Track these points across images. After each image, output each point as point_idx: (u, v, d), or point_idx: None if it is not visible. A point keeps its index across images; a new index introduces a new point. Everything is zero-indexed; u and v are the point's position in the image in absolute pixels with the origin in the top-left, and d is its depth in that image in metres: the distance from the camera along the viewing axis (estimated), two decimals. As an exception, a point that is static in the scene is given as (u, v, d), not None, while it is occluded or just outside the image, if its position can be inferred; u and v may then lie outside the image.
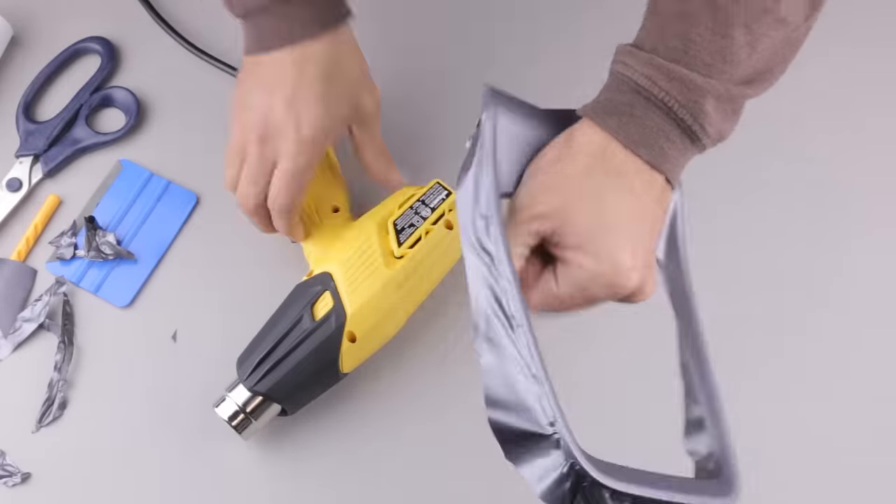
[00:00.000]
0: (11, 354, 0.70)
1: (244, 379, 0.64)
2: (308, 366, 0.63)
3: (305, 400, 0.66)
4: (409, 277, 0.65)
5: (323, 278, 0.65)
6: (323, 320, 0.64)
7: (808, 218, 0.75)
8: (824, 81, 0.79)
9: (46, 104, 0.77)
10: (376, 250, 0.65)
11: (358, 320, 0.64)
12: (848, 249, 0.75)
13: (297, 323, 0.64)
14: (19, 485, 0.66)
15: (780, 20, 0.49)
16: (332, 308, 0.64)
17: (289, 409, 0.66)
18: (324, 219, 0.69)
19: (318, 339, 0.63)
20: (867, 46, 0.81)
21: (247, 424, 0.64)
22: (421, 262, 0.65)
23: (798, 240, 0.75)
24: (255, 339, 0.65)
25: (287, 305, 0.66)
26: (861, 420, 0.70)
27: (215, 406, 0.64)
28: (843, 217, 0.76)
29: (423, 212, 0.67)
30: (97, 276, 0.72)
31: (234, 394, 0.64)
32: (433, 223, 0.66)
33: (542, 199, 0.51)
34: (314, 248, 0.68)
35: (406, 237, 0.66)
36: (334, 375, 0.65)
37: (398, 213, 0.67)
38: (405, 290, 0.65)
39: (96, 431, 0.68)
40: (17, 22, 0.79)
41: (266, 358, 0.64)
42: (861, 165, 0.77)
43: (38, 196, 0.75)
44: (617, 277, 0.50)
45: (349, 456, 0.68)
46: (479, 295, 0.47)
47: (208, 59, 0.77)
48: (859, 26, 0.81)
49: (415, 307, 0.67)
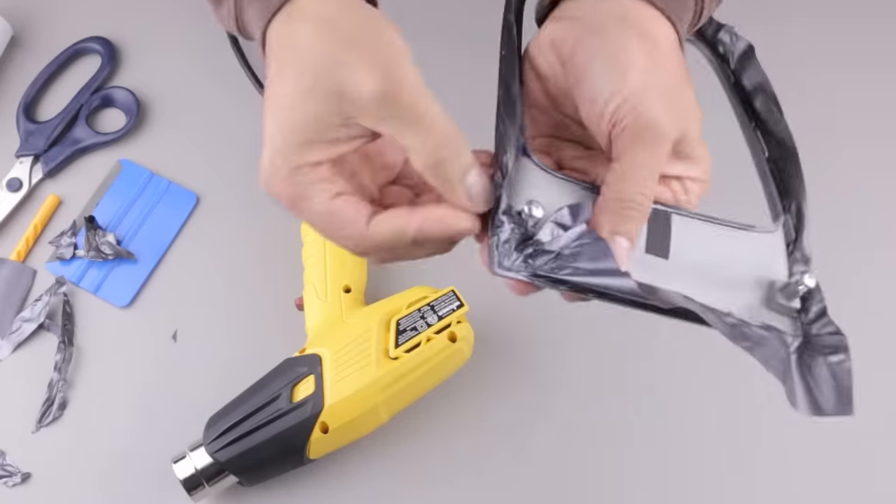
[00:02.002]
0: (11, 355, 0.70)
1: (208, 443, 0.63)
2: (274, 446, 0.62)
3: (265, 477, 0.65)
4: (398, 381, 0.63)
5: (312, 360, 0.64)
6: (299, 404, 0.62)
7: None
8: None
9: (46, 104, 0.77)
10: (372, 345, 0.63)
11: (334, 413, 0.62)
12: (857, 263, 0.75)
13: (274, 400, 0.62)
14: (19, 485, 0.66)
15: None
16: (312, 394, 0.62)
17: (246, 483, 0.65)
18: (332, 296, 0.67)
19: (289, 421, 0.62)
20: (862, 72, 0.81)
21: (200, 489, 0.63)
22: (414, 369, 0.63)
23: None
24: (231, 404, 0.64)
25: (270, 378, 0.64)
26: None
27: (174, 461, 0.63)
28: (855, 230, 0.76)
29: (429, 318, 0.65)
30: (97, 276, 0.72)
31: (195, 455, 0.63)
32: (436, 332, 0.64)
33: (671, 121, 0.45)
34: (315, 323, 0.67)
35: (405, 339, 0.64)
36: (299, 460, 0.63)
37: (405, 312, 0.65)
38: (391, 392, 0.63)
39: (96, 431, 0.68)
40: (17, 22, 0.79)
41: (234, 427, 0.62)
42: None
43: (38, 196, 0.75)
44: None
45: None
46: None
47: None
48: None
49: (399, 410, 0.65)
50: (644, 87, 0.44)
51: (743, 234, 0.48)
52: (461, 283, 0.67)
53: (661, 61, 0.46)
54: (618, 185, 0.45)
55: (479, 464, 0.68)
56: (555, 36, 0.47)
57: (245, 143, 0.77)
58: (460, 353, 0.65)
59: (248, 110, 0.77)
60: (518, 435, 0.69)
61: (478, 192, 0.44)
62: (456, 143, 0.44)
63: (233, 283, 0.72)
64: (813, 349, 0.44)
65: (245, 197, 0.75)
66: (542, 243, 0.44)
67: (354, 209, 0.44)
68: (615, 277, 0.43)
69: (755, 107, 0.51)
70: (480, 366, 0.69)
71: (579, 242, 0.44)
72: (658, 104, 0.44)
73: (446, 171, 0.44)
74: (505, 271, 0.44)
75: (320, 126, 0.43)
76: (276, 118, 0.43)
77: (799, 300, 0.46)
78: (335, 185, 0.44)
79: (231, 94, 0.78)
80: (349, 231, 0.44)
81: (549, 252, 0.44)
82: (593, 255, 0.43)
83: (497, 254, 0.44)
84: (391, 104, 0.42)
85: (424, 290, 0.67)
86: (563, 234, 0.44)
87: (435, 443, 0.68)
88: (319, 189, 0.43)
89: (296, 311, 0.69)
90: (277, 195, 0.44)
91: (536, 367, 0.70)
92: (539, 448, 0.69)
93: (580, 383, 0.70)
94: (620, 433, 0.69)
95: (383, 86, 0.42)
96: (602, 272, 0.43)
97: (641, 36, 0.46)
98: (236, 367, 0.68)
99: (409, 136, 0.43)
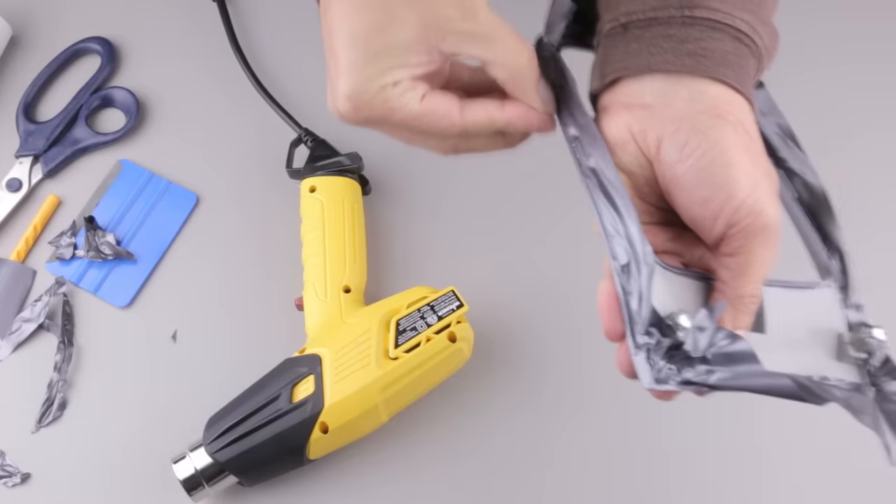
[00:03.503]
0: (11, 355, 0.70)
1: (207, 443, 0.63)
2: (273, 446, 0.62)
3: (264, 477, 0.65)
4: (398, 381, 0.63)
5: (312, 360, 0.64)
6: (299, 404, 0.62)
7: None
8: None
9: (46, 104, 0.77)
10: (372, 346, 0.63)
11: (334, 413, 0.62)
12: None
13: (274, 400, 0.62)
14: (19, 485, 0.66)
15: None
16: (312, 394, 0.62)
17: (246, 483, 0.65)
18: (332, 296, 0.67)
19: (289, 421, 0.62)
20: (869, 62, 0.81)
21: (199, 489, 0.63)
22: (413, 369, 0.63)
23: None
24: (231, 404, 0.64)
25: (270, 378, 0.64)
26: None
27: (174, 461, 0.63)
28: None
29: (429, 318, 0.65)
30: (97, 277, 0.72)
31: (195, 455, 0.63)
32: (436, 332, 0.64)
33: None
34: (314, 324, 0.67)
35: (405, 340, 0.64)
36: (299, 461, 0.64)
37: (405, 312, 0.65)
38: (390, 392, 0.63)
39: (96, 432, 0.68)
40: (17, 22, 0.79)
41: (234, 427, 0.62)
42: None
43: (38, 196, 0.75)
44: None
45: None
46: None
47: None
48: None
49: (398, 410, 0.65)
50: (755, 187, 0.44)
51: (807, 293, 0.48)
52: (461, 283, 0.67)
53: (758, 153, 0.46)
54: (737, 282, 0.45)
55: (479, 464, 0.68)
56: (633, 128, 0.46)
57: (245, 143, 0.77)
58: (460, 353, 0.65)
59: (248, 110, 0.77)
60: (518, 435, 0.69)
61: (547, 98, 0.48)
62: (529, 52, 0.47)
63: (232, 283, 0.72)
64: (884, 397, 0.45)
65: (245, 197, 0.75)
66: (686, 349, 0.44)
67: (445, 101, 0.47)
68: (771, 378, 0.42)
69: (773, 145, 0.50)
70: (480, 366, 0.69)
71: (720, 344, 0.43)
72: (770, 202, 0.45)
73: (524, 79, 0.47)
74: (660, 385, 0.44)
75: (404, 52, 0.45)
76: (353, 46, 0.45)
77: (866, 351, 0.47)
78: (420, 89, 0.46)
79: (231, 94, 0.78)
80: (445, 123, 0.47)
81: (695, 357, 0.44)
82: (738, 356, 0.43)
83: (651, 369, 0.44)
84: (471, 26, 0.45)
85: (424, 290, 0.66)
86: (704, 336, 0.43)
87: (435, 443, 0.68)
88: (409, 98, 0.46)
89: (296, 311, 0.69)
90: (365, 119, 0.47)
91: (536, 367, 0.70)
92: (539, 448, 0.69)
93: (581, 383, 0.70)
94: (621, 433, 0.69)
95: (462, 11, 0.45)
96: (755, 374, 0.43)
97: (737, 131, 0.45)
98: (236, 367, 0.68)
99: (490, 51, 0.46)
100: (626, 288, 0.44)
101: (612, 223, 0.45)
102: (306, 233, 0.70)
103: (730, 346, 0.43)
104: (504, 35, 0.46)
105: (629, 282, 0.44)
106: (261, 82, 0.77)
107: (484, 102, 0.48)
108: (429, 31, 0.45)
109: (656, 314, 0.44)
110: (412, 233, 0.74)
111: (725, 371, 0.43)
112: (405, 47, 0.45)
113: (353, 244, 0.69)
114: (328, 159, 0.72)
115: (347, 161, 0.71)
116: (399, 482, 0.67)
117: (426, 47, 0.45)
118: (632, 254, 0.44)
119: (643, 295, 0.44)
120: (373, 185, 0.74)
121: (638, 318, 0.44)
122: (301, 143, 0.75)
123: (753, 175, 0.44)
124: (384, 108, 0.46)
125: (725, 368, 0.43)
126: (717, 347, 0.43)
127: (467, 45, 0.46)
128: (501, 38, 0.46)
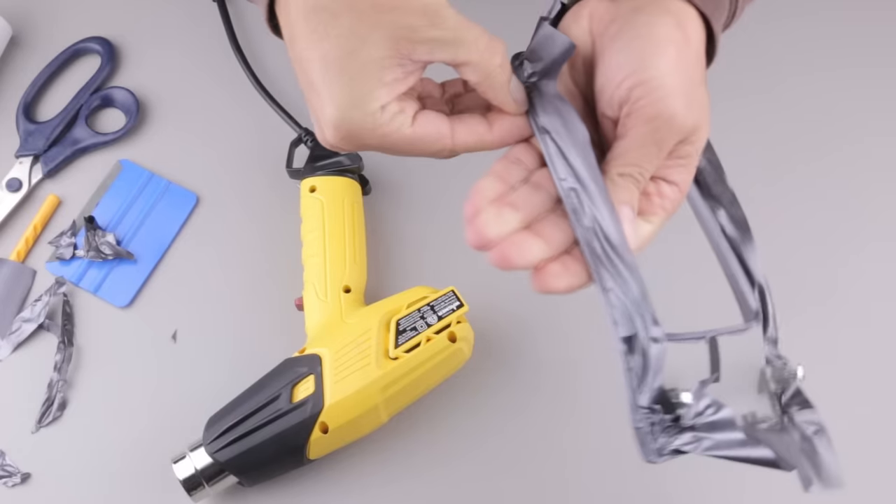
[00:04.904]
0: (11, 355, 0.70)
1: (207, 443, 0.63)
2: (273, 446, 0.62)
3: (264, 477, 0.65)
4: (398, 381, 0.63)
5: (312, 360, 0.64)
6: (299, 404, 0.62)
7: (820, 220, 0.75)
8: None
9: (46, 104, 0.77)
10: (372, 346, 0.63)
11: (334, 413, 0.62)
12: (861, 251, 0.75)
13: (274, 400, 0.62)
14: (19, 485, 0.66)
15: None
16: (312, 394, 0.62)
17: (246, 483, 0.65)
18: (332, 297, 0.67)
19: (289, 422, 0.62)
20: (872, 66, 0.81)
21: (199, 489, 0.63)
22: (414, 369, 0.63)
23: (809, 241, 0.75)
24: (230, 404, 0.64)
25: (270, 378, 0.64)
26: (861, 421, 0.70)
27: (174, 461, 0.63)
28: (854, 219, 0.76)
29: (429, 318, 0.65)
30: (97, 276, 0.72)
31: (195, 455, 0.63)
32: (436, 332, 0.64)
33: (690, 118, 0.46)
34: (314, 324, 0.67)
35: (405, 340, 0.64)
36: (299, 461, 0.63)
37: (405, 312, 0.65)
38: (391, 392, 0.63)
39: (96, 432, 0.68)
40: (17, 22, 0.79)
41: (234, 427, 0.62)
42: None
43: (38, 196, 0.75)
44: None
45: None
46: None
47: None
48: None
49: (399, 410, 0.65)
50: (669, 75, 0.45)
51: (737, 336, 0.50)
52: (461, 283, 0.67)
53: (688, 58, 0.46)
54: (618, 161, 0.46)
55: (479, 464, 0.68)
56: (593, 10, 0.48)
57: (245, 143, 0.77)
58: (460, 353, 0.65)
59: (248, 110, 0.77)
60: (518, 435, 0.69)
61: (519, 96, 0.48)
62: (501, 52, 0.47)
63: (232, 283, 0.72)
64: (795, 426, 0.47)
65: (245, 197, 0.75)
66: (682, 423, 0.46)
67: (436, 125, 0.47)
68: (751, 448, 0.44)
69: (703, 171, 0.50)
70: (480, 366, 0.69)
71: (707, 413, 0.45)
72: (678, 96, 0.45)
73: (496, 79, 0.47)
74: (660, 459, 0.46)
75: (379, 69, 0.45)
76: (329, 73, 0.45)
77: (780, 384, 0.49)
78: (409, 110, 0.47)
79: (231, 94, 0.78)
80: (437, 147, 0.48)
81: (686, 427, 0.46)
82: (720, 424, 0.45)
83: (654, 442, 0.46)
84: (439, 32, 0.45)
85: (424, 290, 0.66)
86: (693, 406, 0.46)
87: (435, 443, 0.68)
88: (400, 122, 0.46)
89: (296, 311, 0.69)
90: (357, 147, 0.47)
91: (536, 367, 0.70)
92: (540, 448, 0.69)
93: (581, 383, 0.70)
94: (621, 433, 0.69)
95: (428, 18, 0.44)
96: (736, 444, 0.45)
97: (679, 28, 0.46)
98: (236, 367, 0.68)
99: (462, 55, 0.46)
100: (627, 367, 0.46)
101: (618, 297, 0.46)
102: (306, 233, 0.70)
103: (713, 415, 0.45)
104: (474, 37, 0.46)
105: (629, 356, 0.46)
106: (261, 82, 0.77)
107: (473, 123, 0.48)
108: (399, 45, 0.45)
109: (662, 391, 0.46)
110: (412, 233, 0.74)
111: (709, 440, 0.45)
112: (379, 64, 0.45)
113: (353, 244, 0.69)
114: (328, 159, 0.72)
115: (347, 161, 0.71)
116: (399, 482, 0.67)
117: (399, 61, 0.45)
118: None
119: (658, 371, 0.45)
120: (373, 185, 0.74)
121: (647, 388, 0.45)
122: (301, 142, 0.75)
123: (672, 67, 0.45)
124: (376, 136, 0.46)
125: (709, 436, 0.45)
126: (702, 417, 0.45)
127: (438, 52, 0.46)
128: (472, 40, 0.46)
